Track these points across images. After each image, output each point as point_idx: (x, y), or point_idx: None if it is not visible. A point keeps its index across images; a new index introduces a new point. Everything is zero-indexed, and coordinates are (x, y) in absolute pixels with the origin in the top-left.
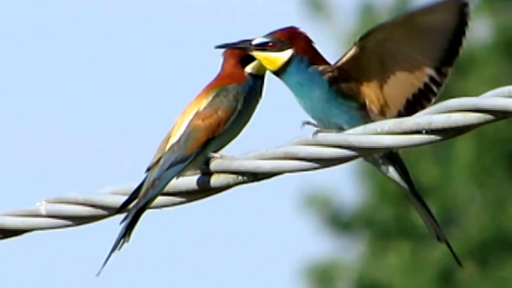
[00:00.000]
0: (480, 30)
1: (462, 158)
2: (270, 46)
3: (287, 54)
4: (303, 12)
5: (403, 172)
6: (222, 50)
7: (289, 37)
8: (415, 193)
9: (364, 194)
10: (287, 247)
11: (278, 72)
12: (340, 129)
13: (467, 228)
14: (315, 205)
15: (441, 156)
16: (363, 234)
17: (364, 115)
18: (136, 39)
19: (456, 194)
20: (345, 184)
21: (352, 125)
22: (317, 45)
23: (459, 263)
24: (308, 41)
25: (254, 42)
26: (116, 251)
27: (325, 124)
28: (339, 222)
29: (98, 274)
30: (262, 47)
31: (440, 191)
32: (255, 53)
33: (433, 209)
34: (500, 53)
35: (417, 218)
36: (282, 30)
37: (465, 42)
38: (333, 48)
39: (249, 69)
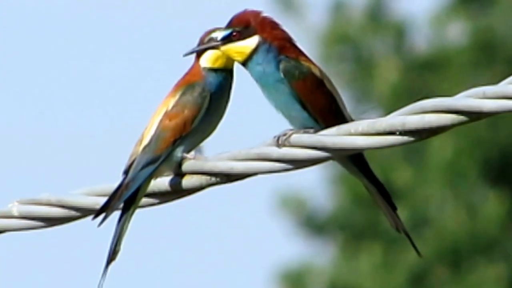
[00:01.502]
0: (455, 32)
1: (436, 160)
2: (234, 36)
3: (253, 41)
4: (273, 10)
5: (363, 163)
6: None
7: (253, 22)
8: (376, 183)
9: (337, 197)
10: (260, 250)
11: (246, 62)
12: (301, 124)
13: (440, 231)
14: (289, 207)
15: (415, 158)
16: (336, 237)
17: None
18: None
19: (429, 196)
20: (318, 187)
21: (309, 123)
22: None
23: (419, 254)
24: (275, 26)
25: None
26: (112, 262)
27: (286, 116)
28: (312, 224)
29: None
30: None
31: (413, 193)
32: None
33: (406, 212)
34: (475, 55)
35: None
36: (243, 14)
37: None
38: (305, 46)
39: (203, 62)
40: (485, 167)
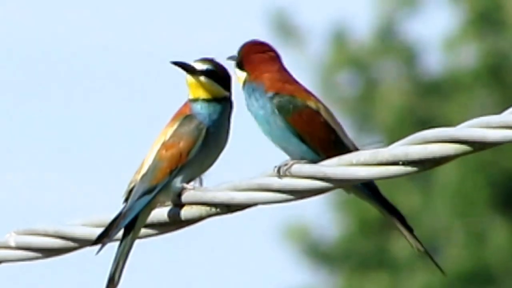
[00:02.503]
0: (465, 55)
1: (443, 186)
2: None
3: (242, 75)
4: (274, 39)
5: (372, 189)
6: None
7: (245, 60)
8: (388, 207)
9: (342, 224)
10: (264, 279)
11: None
12: (300, 157)
13: (447, 260)
14: (293, 235)
15: (422, 184)
16: (341, 265)
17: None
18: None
19: (437, 224)
20: (323, 214)
21: (309, 155)
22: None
23: (442, 272)
24: (267, 62)
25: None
26: None
27: (284, 150)
28: (318, 253)
29: None
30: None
31: (420, 221)
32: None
33: None
34: (485, 78)
35: (396, 249)
36: (243, 47)
37: None
38: (305, 75)
39: (188, 94)
40: (492, 193)
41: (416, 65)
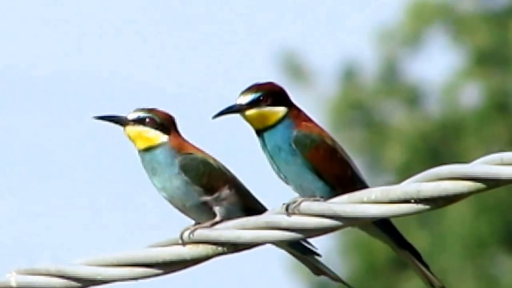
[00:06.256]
0: (470, 94)
1: (454, 226)
2: (262, 100)
3: (281, 110)
4: (283, 79)
5: (387, 225)
6: None
7: (282, 93)
8: (403, 244)
9: (350, 266)
10: None
11: (265, 129)
12: (314, 194)
13: None
14: (302, 273)
15: (432, 224)
16: None
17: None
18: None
19: (448, 266)
20: (333, 255)
21: (324, 192)
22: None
23: None
24: (292, 103)
25: (244, 102)
26: None
27: (297, 187)
28: None
29: None
30: (255, 103)
31: (430, 261)
32: (249, 112)
33: (422, 283)
34: (490, 117)
35: None
36: (270, 83)
37: None
38: (315, 114)
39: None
40: (504, 232)
41: (423, 106)
